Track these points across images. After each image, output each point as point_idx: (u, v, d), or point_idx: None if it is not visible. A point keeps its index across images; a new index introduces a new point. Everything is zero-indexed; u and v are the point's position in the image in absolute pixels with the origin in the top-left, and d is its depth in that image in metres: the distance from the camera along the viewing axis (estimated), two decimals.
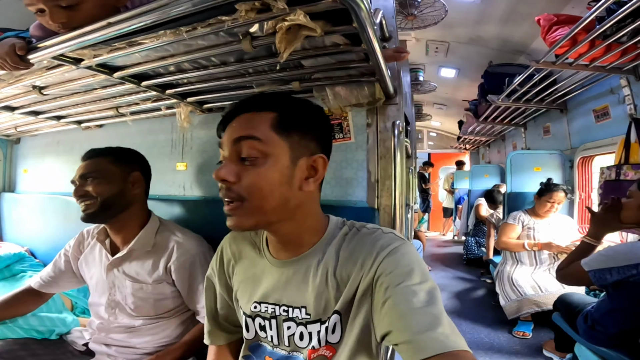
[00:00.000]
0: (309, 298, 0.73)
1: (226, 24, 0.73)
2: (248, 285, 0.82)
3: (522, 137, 4.45)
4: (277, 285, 0.77)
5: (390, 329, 0.60)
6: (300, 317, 0.74)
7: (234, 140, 0.68)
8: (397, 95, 1.14)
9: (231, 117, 0.71)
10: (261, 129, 0.68)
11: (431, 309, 0.58)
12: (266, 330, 0.79)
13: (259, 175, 0.67)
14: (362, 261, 0.69)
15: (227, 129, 0.70)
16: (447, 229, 7.78)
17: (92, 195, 1.13)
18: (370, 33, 0.75)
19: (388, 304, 0.61)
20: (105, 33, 0.76)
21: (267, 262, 0.80)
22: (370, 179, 1.19)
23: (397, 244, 0.69)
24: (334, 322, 0.71)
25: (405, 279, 0.63)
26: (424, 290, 0.61)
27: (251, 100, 0.72)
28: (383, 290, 0.63)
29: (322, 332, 0.72)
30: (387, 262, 0.66)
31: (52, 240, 1.96)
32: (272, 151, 0.68)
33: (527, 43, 3.37)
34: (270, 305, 0.78)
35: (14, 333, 1.29)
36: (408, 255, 0.68)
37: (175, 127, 1.59)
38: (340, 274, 0.72)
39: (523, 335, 2.58)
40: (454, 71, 4.62)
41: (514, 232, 2.81)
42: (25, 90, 1.29)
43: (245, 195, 0.66)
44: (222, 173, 0.66)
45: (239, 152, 0.67)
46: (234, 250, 0.88)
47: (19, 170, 2.35)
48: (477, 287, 3.88)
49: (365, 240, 0.72)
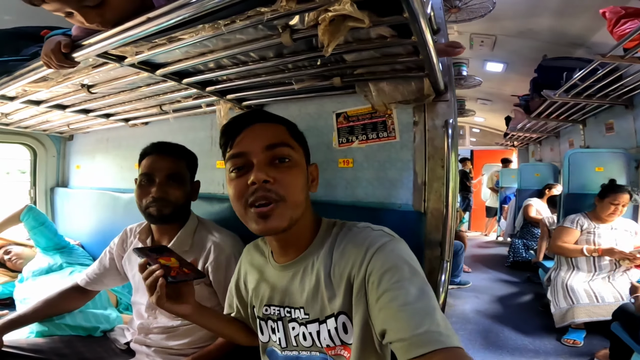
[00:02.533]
0: (306, 299, 0.76)
1: (265, 16, 0.70)
2: (259, 290, 0.87)
3: (580, 134, 4.13)
4: (280, 287, 0.81)
5: (385, 327, 0.60)
6: (300, 318, 0.78)
7: (268, 147, 0.72)
8: (448, 92, 1.07)
9: (242, 127, 0.76)
10: (286, 137, 0.76)
11: (422, 305, 0.58)
12: (275, 333, 0.83)
13: (293, 175, 0.73)
14: (353, 260, 0.70)
15: (249, 139, 0.74)
16: (490, 229, 7.42)
17: (170, 199, 1.15)
18: (422, 24, 0.70)
19: (380, 302, 0.62)
20: (145, 29, 0.75)
21: (271, 268, 0.85)
22: (417, 181, 1.12)
23: (384, 240, 0.70)
24: (343, 322, 0.72)
25: (394, 275, 0.63)
26: (414, 286, 0.61)
27: (256, 113, 0.82)
28: (375, 288, 0.64)
29: (327, 332, 0.74)
30: (376, 259, 0.67)
31: (101, 234, 2.05)
32: (297, 157, 0.76)
33: (587, 36, 3.19)
34: (276, 307, 0.82)
35: (60, 330, 1.35)
36: (396, 251, 0.68)
37: (214, 124, 1.60)
38: (334, 274, 0.73)
39: (574, 343, 2.46)
40: (502, 65, 4.45)
41: (571, 237, 2.64)
42: (74, 89, 1.33)
43: (284, 193, 0.70)
44: (261, 176, 0.69)
45: (274, 157, 0.72)
46: (249, 260, 0.94)
47: (72, 166, 2.50)
48: (523, 292, 3.71)
49: (356, 238, 0.73)
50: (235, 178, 0.73)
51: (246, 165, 0.72)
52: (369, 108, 1.20)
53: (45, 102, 1.52)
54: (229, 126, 0.78)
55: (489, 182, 7.15)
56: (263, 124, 0.76)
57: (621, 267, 2.50)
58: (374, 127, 1.19)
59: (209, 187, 1.63)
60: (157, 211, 1.14)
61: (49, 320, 1.36)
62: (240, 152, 0.73)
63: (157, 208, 1.14)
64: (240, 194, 0.72)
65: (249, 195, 0.70)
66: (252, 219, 0.71)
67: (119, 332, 1.39)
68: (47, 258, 1.92)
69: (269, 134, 0.74)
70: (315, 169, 0.84)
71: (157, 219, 1.17)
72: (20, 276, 1.89)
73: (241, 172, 0.73)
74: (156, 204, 1.14)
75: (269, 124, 0.77)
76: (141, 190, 1.16)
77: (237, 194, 0.72)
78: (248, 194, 0.70)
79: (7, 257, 2.06)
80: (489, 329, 2.79)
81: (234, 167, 0.74)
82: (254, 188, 0.70)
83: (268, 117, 0.79)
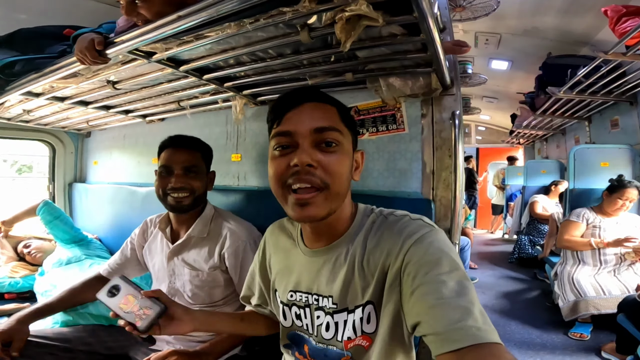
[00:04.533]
0: (335, 287, 0.74)
1: (287, 15, 0.75)
2: (284, 274, 0.85)
3: (585, 130, 4.13)
4: (309, 274, 0.79)
5: (419, 319, 0.58)
6: (328, 307, 0.75)
7: (316, 130, 0.69)
8: (454, 86, 1.12)
9: (292, 105, 0.72)
10: (336, 120, 0.71)
11: (461, 300, 0.56)
12: (301, 319, 0.81)
13: (339, 162, 0.70)
14: (388, 249, 0.68)
15: (297, 118, 0.70)
16: (496, 226, 7.39)
17: (189, 189, 1.22)
18: (430, 23, 0.75)
19: (416, 294, 0.60)
20: (176, 26, 0.81)
21: (300, 252, 0.82)
22: (426, 170, 1.17)
23: (424, 231, 0.68)
24: (369, 312, 0.71)
25: (433, 268, 0.60)
26: (453, 280, 0.59)
27: (309, 90, 0.75)
28: (411, 280, 0.62)
29: (352, 322, 0.72)
30: (413, 250, 0.64)
31: (118, 228, 2.12)
32: (345, 142, 0.72)
33: (591, 34, 3.20)
34: (303, 293, 0.80)
35: (84, 319, 1.40)
36: (436, 242, 0.65)
37: (229, 120, 1.66)
38: (368, 263, 0.71)
39: (580, 337, 2.47)
40: (507, 63, 4.43)
41: (578, 231, 2.65)
42: (99, 85, 1.40)
43: (329, 181, 0.68)
44: (306, 159, 0.66)
45: (320, 141, 0.69)
46: (274, 242, 0.91)
47: (89, 162, 2.57)
48: (530, 287, 3.71)
49: (392, 227, 0.71)
50: (277, 156, 0.70)
51: (291, 145, 0.69)
52: (379, 102, 1.25)
53: (70, 99, 1.59)
54: (279, 102, 0.74)
55: (495, 180, 7.11)
56: (314, 103, 0.72)
57: (626, 260, 2.51)
58: (384, 119, 1.25)
59: (225, 180, 1.70)
60: (176, 201, 1.21)
61: (73, 310, 1.41)
62: (286, 131, 0.70)
63: (176, 198, 1.21)
64: (280, 173, 0.69)
65: (288, 176, 0.68)
66: (291, 204, 0.69)
67: None
68: (67, 251, 1.98)
69: (319, 115, 0.70)
70: (360, 155, 0.79)
71: (176, 208, 1.24)
72: (40, 269, 1.95)
73: (285, 151, 0.70)
74: (175, 194, 1.20)
75: (320, 103, 0.73)
76: (161, 181, 1.22)
77: (277, 174, 0.70)
78: (288, 175, 0.68)
79: (27, 250, 2.12)
80: (495, 322, 2.74)
81: (278, 145, 0.71)
82: (295, 170, 0.67)
83: (320, 97, 0.74)
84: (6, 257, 2.11)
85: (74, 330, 1.34)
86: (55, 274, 1.82)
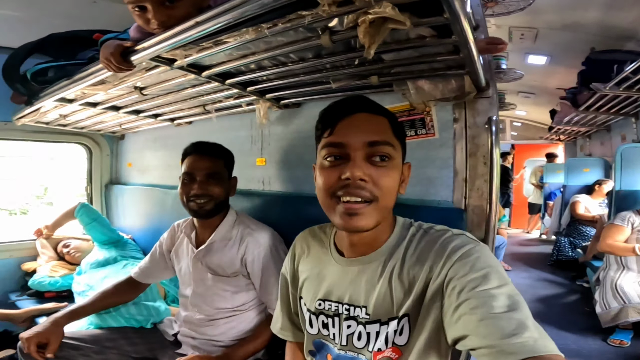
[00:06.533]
0: (371, 298, 0.73)
1: (306, 19, 0.71)
2: (313, 282, 0.84)
3: (633, 128, 3.88)
4: (341, 283, 0.78)
5: (466, 333, 0.57)
6: (361, 317, 0.75)
7: (370, 143, 0.69)
8: (489, 88, 1.04)
9: (344, 114, 0.72)
10: (388, 133, 0.72)
11: (515, 314, 0.54)
12: (329, 328, 0.80)
13: (390, 177, 0.71)
14: (430, 263, 0.68)
15: (350, 129, 0.71)
16: (532, 226, 7.08)
17: (211, 195, 1.23)
18: (464, 24, 0.68)
19: (463, 308, 0.58)
20: (195, 33, 0.80)
21: (332, 260, 0.82)
22: (458, 178, 1.10)
23: (470, 246, 0.67)
24: (402, 325, 0.70)
25: (481, 283, 0.59)
26: (504, 295, 0.57)
27: (362, 100, 0.75)
28: (456, 294, 0.61)
29: (385, 334, 0.71)
30: (459, 265, 0.64)
31: (151, 229, 2.18)
32: (396, 156, 0.73)
33: (637, 29, 3.12)
34: (333, 302, 0.79)
35: (116, 321, 1.45)
36: (483, 258, 0.64)
37: (254, 124, 1.64)
38: (407, 276, 0.70)
39: (620, 344, 2.38)
40: (545, 58, 4.29)
41: (622, 235, 2.51)
42: (128, 91, 1.43)
43: (379, 195, 0.69)
44: (358, 173, 0.67)
45: (373, 154, 0.70)
46: (304, 247, 0.91)
47: (123, 164, 2.66)
48: (568, 292, 3.56)
49: (435, 242, 0.70)
50: (328, 167, 0.71)
51: (343, 156, 0.70)
52: (406, 105, 1.18)
53: (101, 104, 1.63)
54: (330, 110, 0.75)
55: (532, 178, 6.80)
56: (367, 114, 0.73)
57: None
58: (412, 124, 1.18)
59: (249, 184, 1.69)
60: (198, 206, 1.23)
61: (106, 312, 1.46)
62: (339, 142, 0.70)
63: (198, 204, 1.22)
64: (330, 185, 0.70)
65: (338, 188, 0.69)
66: (338, 213, 0.70)
67: (167, 324, 1.47)
68: (103, 251, 2.06)
69: (372, 128, 0.71)
70: (407, 168, 0.79)
71: (199, 214, 1.25)
72: (78, 269, 2.04)
73: (336, 162, 0.71)
74: (198, 200, 1.22)
75: (373, 115, 0.73)
76: (184, 188, 1.24)
77: (327, 185, 0.71)
78: (338, 187, 0.69)
79: (66, 250, 2.23)
80: None
81: (328, 155, 0.72)
82: (346, 182, 0.68)
83: (373, 107, 0.74)
84: (47, 257, 2.22)
85: (106, 332, 1.39)
86: (91, 275, 1.90)
